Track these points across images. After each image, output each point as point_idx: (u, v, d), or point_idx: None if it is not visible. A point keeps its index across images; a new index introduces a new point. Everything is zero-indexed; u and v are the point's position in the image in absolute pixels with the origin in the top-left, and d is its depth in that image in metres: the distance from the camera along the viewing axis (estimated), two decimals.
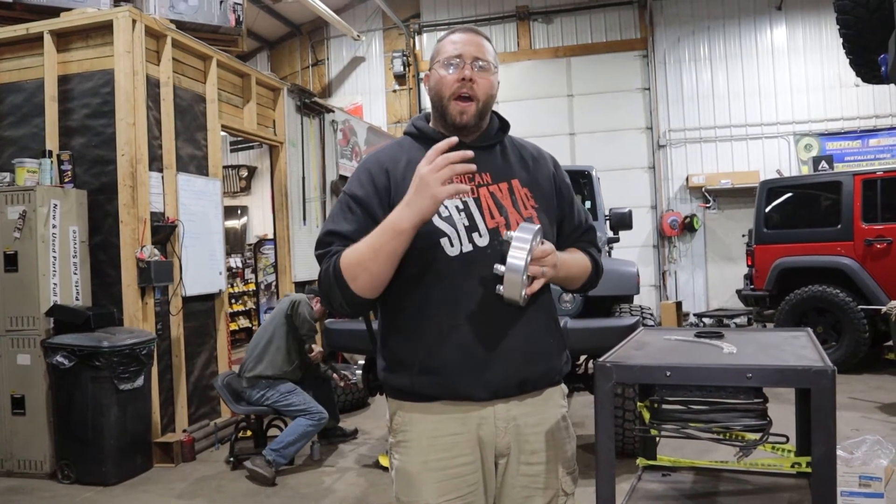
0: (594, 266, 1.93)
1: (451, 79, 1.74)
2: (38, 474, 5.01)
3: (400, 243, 1.59)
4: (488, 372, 1.69)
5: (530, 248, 1.56)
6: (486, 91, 1.76)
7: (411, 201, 1.56)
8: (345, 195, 1.78)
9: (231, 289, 11.21)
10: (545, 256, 1.63)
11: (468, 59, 1.73)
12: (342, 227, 1.72)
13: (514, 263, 1.55)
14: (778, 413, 1.81)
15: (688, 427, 1.65)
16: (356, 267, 1.62)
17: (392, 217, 1.60)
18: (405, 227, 1.57)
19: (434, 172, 1.53)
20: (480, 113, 1.76)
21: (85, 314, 5.00)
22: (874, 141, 12.03)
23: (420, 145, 1.80)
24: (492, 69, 1.77)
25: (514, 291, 1.57)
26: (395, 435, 1.80)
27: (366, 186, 1.75)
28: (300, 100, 8.02)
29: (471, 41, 1.76)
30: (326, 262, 1.69)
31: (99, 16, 5.48)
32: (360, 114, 13.18)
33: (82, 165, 5.45)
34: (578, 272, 1.88)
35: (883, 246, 7.66)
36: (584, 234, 1.96)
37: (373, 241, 1.61)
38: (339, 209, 1.77)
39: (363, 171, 1.79)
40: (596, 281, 1.97)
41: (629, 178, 12.64)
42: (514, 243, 1.57)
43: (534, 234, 1.59)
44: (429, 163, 1.55)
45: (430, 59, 1.83)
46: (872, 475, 3.04)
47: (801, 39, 12.38)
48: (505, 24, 13.47)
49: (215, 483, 4.91)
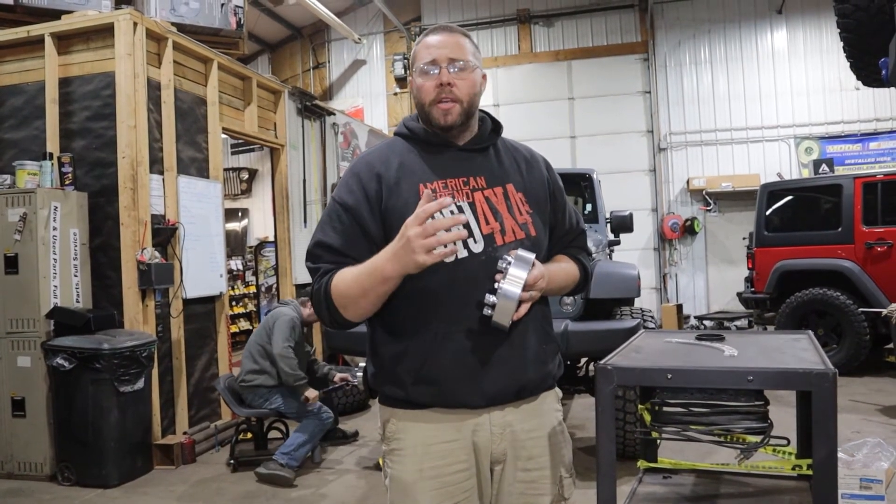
0: (583, 273, 1.93)
1: (430, 85, 1.71)
2: (39, 476, 5.01)
3: (388, 288, 1.60)
4: (485, 379, 1.68)
5: (525, 281, 1.57)
6: (468, 91, 1.72)
7: (397, 255, 1.53)
8: (334, 202, 1.75)
9: (232, 291, 11.21)
10: (536, 282, 1.62)
11: (444, 62, 1.69)
12: (331, 238, 1.71)
13: (508, 292, 1.56)
14: (779, 416, 1.81)
15: (689, 429, 1.65)
16: (346, 300, 1.64)
17: (379, 262, 1.58)
18: (391, 276, 1.57)
19: (420, 238, 1.47)
20: (466, 112, 1.73)
21: (85, 316, 5.00)
22: (875, 144, 12.03)
23: (411, 146, 1.79)
24: (471, 67, 1.72)
25: (505, 319, 1.58)
26: (389, 443, 1.77)
27: (355, 193, 1.72)
28: (301, 102, 8.03)
29: (445, 43, 1.72)
30: (318, 283, 1.69)
31: (100, 18, 5.48)
32: (361, 116, 13.20)
33: (83, 168, 5.46)
34: (565, 282, 1.87)
35: (883, 249, 7.65)
36: (574, 238, 1.95)
37: (361, 281, 1.61)
38: (328, 217, 1.74)
39: (352, 176, 1.76)
40: (584, 286, 1.97)
41: (630, 180, 12.64)
42: (508, 275, 1.56)
43: (530, 268, 1.59)
44: (418, 223, 1.48)
45: (410, 63, 1.81)
46: (873, 477, 3.04)
47: (801, 43, 12.39)
48: (506, 27, 13.49)
49: (216, 485, 4.91)
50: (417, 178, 1.72)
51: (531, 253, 1.61)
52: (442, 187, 1.71)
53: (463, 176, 1.74)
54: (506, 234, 1.70)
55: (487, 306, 1.58)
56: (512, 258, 1.58)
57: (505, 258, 1.59)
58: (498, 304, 1.55)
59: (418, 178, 1.71)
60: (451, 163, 1.75)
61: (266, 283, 11.76)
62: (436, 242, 1.47)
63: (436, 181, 1.71)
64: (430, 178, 1.72)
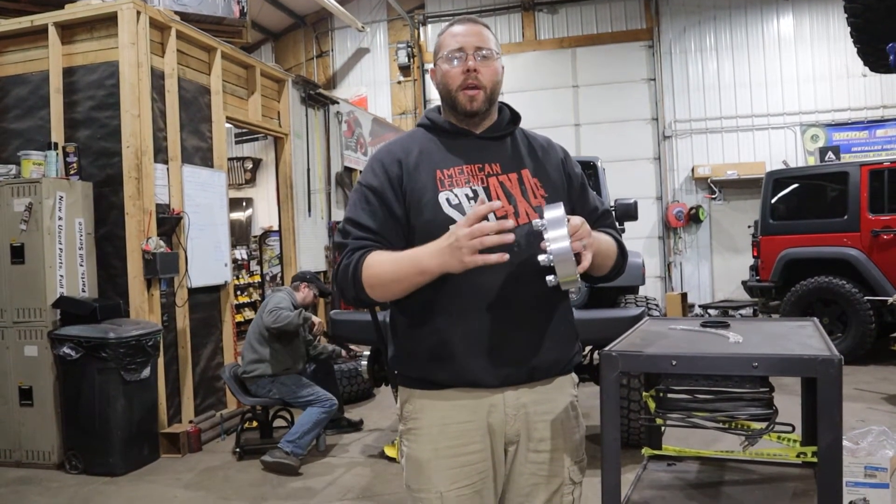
0: (619, 246, 1.90)
1: (456, 71, 1.78)
2: (46, 465, 5.04)
3: (423, 279, 1.63)
4: (498, 358, 1.71)
5: (566, 226, 1.51)
6: (492, 78, 1.79)
7: (442, 252, 1.56)
8: (360, 186, 1.82)
9: (236, 280, 11.22)
10: (578, 230, 1.58)
11: (470, 49, 1.77)
12: (362, 217, 1.76)
13: (559, 247, 1.50)
14: (784, 403, 1.80)
15: (693, 416, 1.65)
16: (376, 281, 1.68)
17: (422, 255, 1.61)
18: (431, 270, 1.60)
19: (468, 239, 1.50)
20: (489, 99, 1.80)
21: (91, 306, 5.02)
22: (881, 131, 11.96)
23: (432, 136, 1.85)
24: (494, 56, 1.80)
25: (570, 273, 1.52)
26: (406, 422, 1.81)
27: (380, 177, 1.79)
28: (305, 91, 8.02)
29: (471, 32, 1.80)
30: (348, 259, 1.72)
31: (103, 8, 5.47)
32: (365, 105, 13.16)
33: (88, 157, 5.46)
34: (608, 249, 1.83)
35: (890, 237, 7.63)
36: (600, 218, 1.93)
37: (398, 268, 1.65)
38: (358, 198, 1.80)
39: (376, 161, 1.83)
40: (623, 263, 1.92)
41: (635, 168, 12.60)
42: (549, 227, 1.52)
43: (563, 212, 1.54)
44: (468, 225, 1.51)
45: (434, 53, 1.87)
46: (878, 465, 3.03)
47: (808, 29, 12.30)
48: (510, 15, 13.42)
49: (222, 473, 4.93)
50: (435, 163, 1.79)
51: (558, 205, 1.56)
52: (458, 173, 1.77)
53: (479, 162, 1.80)
54: (520, 217, 1.74)
55: (550, 276, 1.54)
56: (544, 221, 1.53)
57: (535, 222, 1.55)
58: (556, 262, 1.51)
59: (435, 164, 1.79)
60: (468, 150, 1.82)
61: (270, 273, 11.79)
62: (480, 245, 1.49)
63: (452, 167, 1.78)
64: (448, 164, 1.79)
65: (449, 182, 1.76)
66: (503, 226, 1.50)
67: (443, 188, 1.75)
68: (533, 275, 1.63)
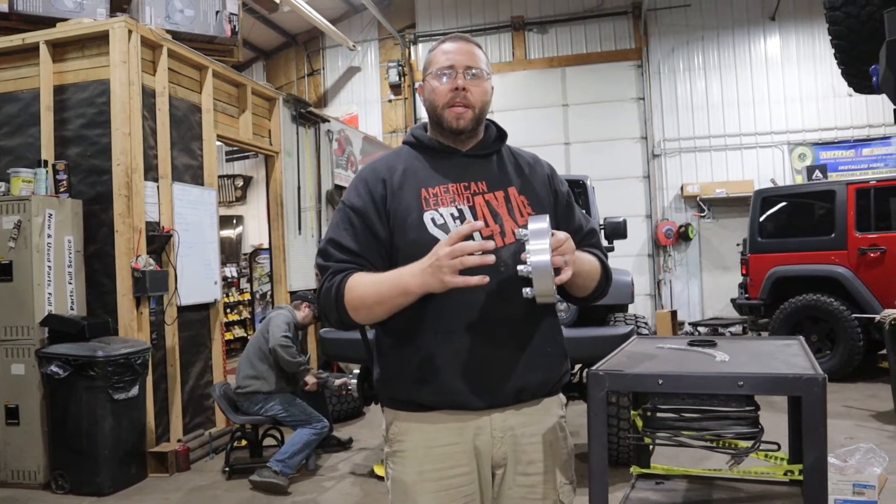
0: (603, 268, 1.87)
1: (445, 89, 1.75)
2: (32, 484, 4.99)
3: (406, 300, 1.62)
4: (484, 380, 1.69)
5: (549, 239, 1.50)
6: (481, 98, 1.77)
7: (423, 272, 1.55)
8: (344, 206, 1.79)
9: (226, 298, 11.20)
10: (561, 245, 1.56)
11: (461, 68, 1.75)
12: (343, 238, 1.74)
13: (539, 260, 1.48)
14: (771, 421, 1.82)
15: (680, 435, 1.66)
16: (360, 303, 1.66)
17: (404, 276, 1.59)
18: (413, 290, 1.58)
19: (448, 259, 1.49)
20: (477, 119, 1.78)
21: (80, 324, 4.99)
22: (867, 150, 12.10)
23: (418, 153, 1.83)
24: (484, 76, 1.78)
25: (546, 288, 1.49)
26: (391, 444, 1.79)
27: (363, 197, 1.76)
28: (296, 109, 8.04)
29: (462, 50, 1.78)
30: (330, 282, 1.70)
31: (95, 26, 5.49)
32: (356, 124, 13.21)
33: (77, 175, 5.45)
34: (591, 269, 1.81)
35: (876, 255, 7.69)
36: (585, 237, 1.91)
37: (380, 289, 1.63)
38: (340, 219, 1.78)
39: (360, 181, 1.81)
40: (607, 284, 1.89)
41: (624, 187, 12.67)
42: (531, 238, 1.50)
43: (548, 225, 1.52)
44: (449, 244, 1.51)
45: (423, 69, 1.85)
46: (866, 483, 3.05)
47: (794, 49, 12.46)
48: (500, 34, 13.54)
49: (210, 493, 4.90)
50: (420, 182, 1.76)
51: (543, 217, 1.55)
52: (443, 192, 1.75)
53: (464, 181, 1.77)
54: (506, 237, 1.72)
55: (527, 288, 1.52)
56: (527, 231, 1.51)
57: (519, 231, 1.54)
58: (534, 274, 1.48)
59: (420, 183, 1.76)
60: (453, 168, 1.79)
61: (260, 291, 11.77)
62: (460, 265, 1.49)
63: (437, 186, 1.76)
64: (433, 182, 1.76)
65: (434, 201, 1.73)
66: (485, 246, 1.49)
67: (428, 207, 1.72)
68: (520, 294, 1.58)
